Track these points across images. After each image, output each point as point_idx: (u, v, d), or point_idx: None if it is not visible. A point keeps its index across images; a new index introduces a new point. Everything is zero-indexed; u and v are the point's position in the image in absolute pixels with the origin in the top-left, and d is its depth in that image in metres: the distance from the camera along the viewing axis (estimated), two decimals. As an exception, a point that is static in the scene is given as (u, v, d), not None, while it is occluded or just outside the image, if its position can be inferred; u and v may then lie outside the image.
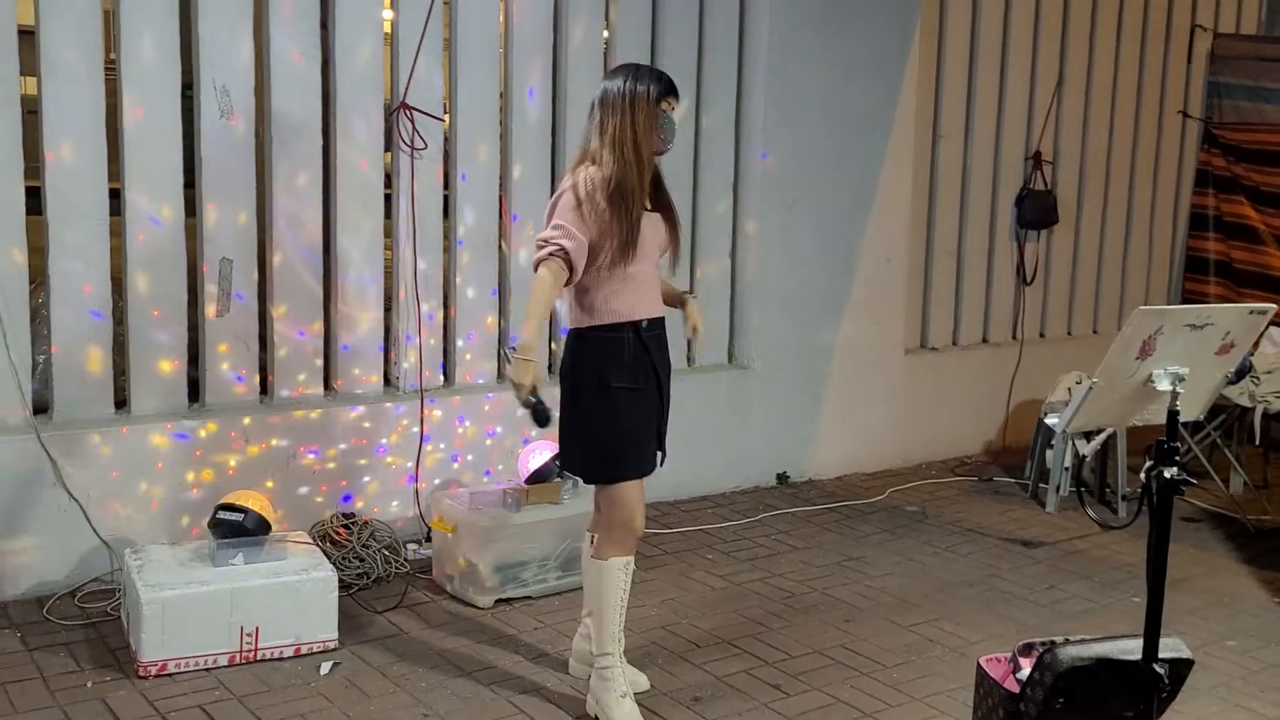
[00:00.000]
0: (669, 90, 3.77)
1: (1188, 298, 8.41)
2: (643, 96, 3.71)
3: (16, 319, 4.55)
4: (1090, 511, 5.51)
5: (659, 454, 3.92)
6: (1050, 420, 3.09)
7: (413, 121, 5.20)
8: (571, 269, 3.65)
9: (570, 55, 5.66)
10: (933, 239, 7.16)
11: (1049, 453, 6.28)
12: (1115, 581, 5.24)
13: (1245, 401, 6.23)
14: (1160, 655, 2.94)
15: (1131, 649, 2.99)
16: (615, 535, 3.84)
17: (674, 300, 4.07)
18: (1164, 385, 2.90)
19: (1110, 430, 5.86)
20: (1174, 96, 8.18)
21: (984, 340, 7.47)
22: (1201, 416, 3.19)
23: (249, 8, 4.87)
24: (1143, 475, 2.93)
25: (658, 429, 3.89)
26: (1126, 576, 5.29)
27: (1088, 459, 4.41)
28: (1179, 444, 2.91)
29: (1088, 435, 5.97)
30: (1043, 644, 3.18)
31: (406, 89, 5.20)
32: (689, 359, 6.25)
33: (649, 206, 3.78)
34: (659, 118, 3.73)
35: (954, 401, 7.16)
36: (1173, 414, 2.89)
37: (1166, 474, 2.83)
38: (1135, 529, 5.73)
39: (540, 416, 3.58)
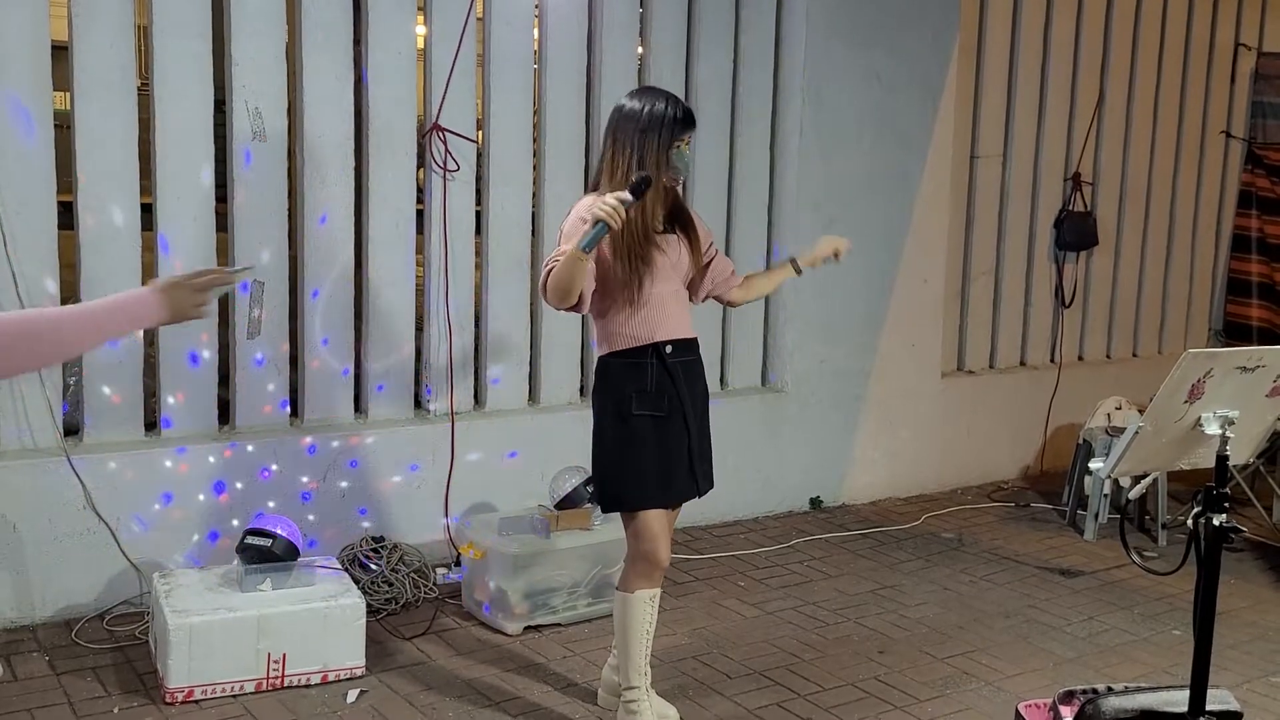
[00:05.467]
0: (685, 128, 3.65)
1: (1229, 320, 8.30)
2: (653, 138, 3.61)
3: (48, 340, 4.54)
4: (1135, 557, 5.43)
5: (696, 484, 3.85)
6: (1094, 465, 3.00)
7: (445, 143, 5.18)
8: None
9: (604, 75, 5.62)
10: (970, 260, 7.07)
11: (1088, 479, 6.18)
12: (1156, 614, 5.14)
13: (1289, 429, 6.11)
14: (1207, 708, 2.86)
15: (1177, 701, 2.91)
16: (639, 567, 3.79)
17: (779, 274, 4.14)
18: (1213, 429, 2.81)
19: (1156, 474, 5.76)
20: (1217, 116, 8.07)
21: (1021, 363, 7.38)
22: (1251, 459, 3.11)
23: (282, 29, 4.86)
24: (1189, 521, 2.85)
25: (690, 458, 3.82)
26: (1167, 609, 5.19)
27: (1131, 499, 4.33)
28: (1228, 490, 2.83)
29: (1134, 477, 5.88)
30: (1084, 692, 3.10)
31: (440, 109, 5.17)
32: (722, 381, 6.19)
33: (660, 229, 3.72)
34: (670, 158, 3.63)
35: (991, 425, 7.07)
36: (1222, 458, 2.81)
37: (1215, 521, 2.74)
38: (1178, 556, 5.63)
39: (638, 185, 3.45)
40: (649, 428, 3.71)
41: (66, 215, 4.59)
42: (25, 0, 4.39)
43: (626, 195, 3.43)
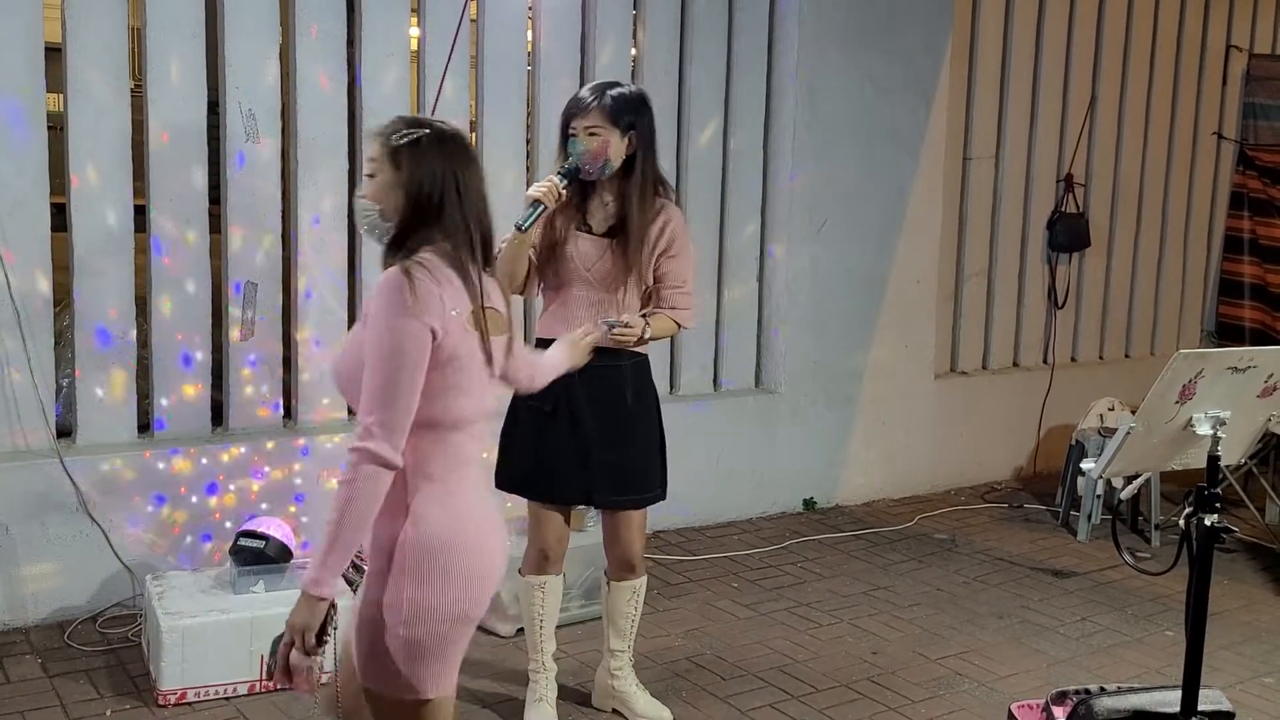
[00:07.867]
0: (572, 114, 3.66)
1: (1222, 321, 8.31)
2: (562, 124, 3.71)
3: (41, 342, 4.54)
4: (1126, 557, 5.45)
5: (589, 491, 3.80)
6: (1086, 465, 3.01)
7: (439, 144, 5.17)
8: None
9: (598, 76, 5.61)
10: (963, 262, 7.08)
11: (1080, 479, 6.19)
12: (1149, 614, 5.15)
13: (1281, 430, 6.13)
14: (1199, 708, 2.86)
15: (1169, 701, 2.91)
16: (529, 551, 3.92)
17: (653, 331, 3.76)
18: (1204, 429, 2.82)
19: (1148, 475, 5.77)
20: (1209, 118, 8.08)
21: (1015, 364, 7.39)
22: (1243, 460, 3.12)
23: (276, 30, 4.85)
24: (1181, 521, 2.85)
25: (583, 462, 3.74)
26: (1160, 609, 5.19)
27: (1123, 499, 4.35)
28: (1220, 490, 2.83)
29: (1127, 478, 5.89)
30: (1077, 693, 3.11)
31: (433, 111, 5.16)
32: (715, 382, 6.19)
33: (590, 230, 3.72)
34: (567, 145, 3.66)
35: (984, 426, 7.08)
36: (1213, 458, 2.82)
37: (1207, 521, 2.75)
38: (1171, 557, 5.64)
39: (569, 170, 3.68)
40: (529, 419, 3.77)
41: (59, 217, 4.58)
42: (19, 1, 4.39)
43: (555, 176, 3.56)
